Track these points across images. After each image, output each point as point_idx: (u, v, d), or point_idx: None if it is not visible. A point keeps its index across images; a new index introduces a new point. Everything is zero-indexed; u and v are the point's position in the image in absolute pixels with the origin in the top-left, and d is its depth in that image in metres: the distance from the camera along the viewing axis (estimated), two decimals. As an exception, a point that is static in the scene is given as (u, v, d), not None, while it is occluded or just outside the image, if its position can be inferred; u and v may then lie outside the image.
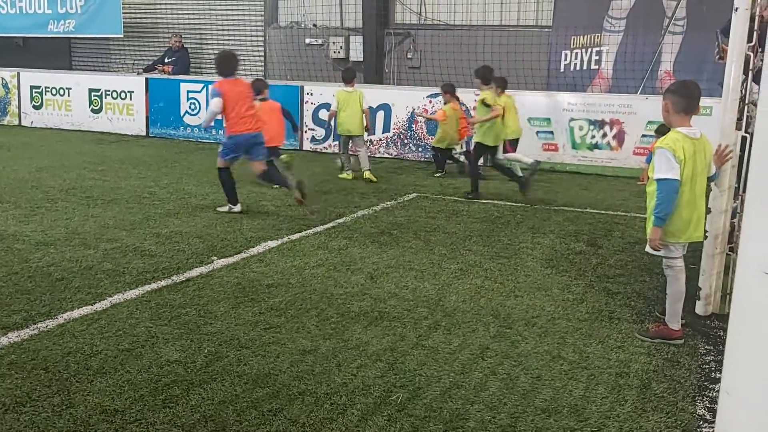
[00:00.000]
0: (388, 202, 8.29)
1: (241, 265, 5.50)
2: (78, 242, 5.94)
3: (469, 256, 6.05)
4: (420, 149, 12.11)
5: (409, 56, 13.67)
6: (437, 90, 11.86)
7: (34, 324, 4.13)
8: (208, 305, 4.58)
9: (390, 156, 12.16)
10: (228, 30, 15.19)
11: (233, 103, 7.14)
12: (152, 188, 8.54)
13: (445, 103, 10.65)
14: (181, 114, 13.53)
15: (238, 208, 7.41)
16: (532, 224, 7.37)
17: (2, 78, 15.12)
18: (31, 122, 14.81)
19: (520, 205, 8.36)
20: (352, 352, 3.95)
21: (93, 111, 14.20)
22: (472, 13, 13.37)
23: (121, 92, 13.96)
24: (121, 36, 15.08)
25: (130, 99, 13.87)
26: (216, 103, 7.16)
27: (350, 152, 10.07)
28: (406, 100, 12.06)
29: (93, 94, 14.22)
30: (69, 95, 14.37)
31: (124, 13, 14.90)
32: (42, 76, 14.63)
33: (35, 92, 14.71)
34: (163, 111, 13.67)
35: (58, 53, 16.36)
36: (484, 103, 8.50)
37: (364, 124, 9.86)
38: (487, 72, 8.84)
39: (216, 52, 15.11)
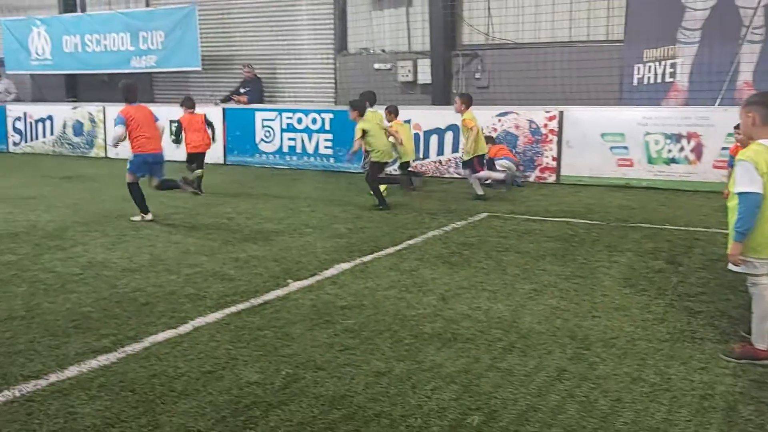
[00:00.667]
0: (459, 223, 8.28)
1: (315, 288, 5.61)
2: (161, 268, 6.19)
3: (543, 276, 5.97)
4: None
5: (477, 77, 13.68)
6: (506, 109, 11.84)
7: (122, 347, 4.33)
8: (284, 327, 4.68)
9: (459, 176, 12.14)
10: (299, 59, 15.59)
11: (137, 126, 8.10)
12: (230, 214, 8.83)
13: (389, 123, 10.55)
14: (257, 141, 13.95)
15: (149, 216, 8.30)
16: (608, 242, 7.21)
17: (90, 113, 15.99)
18: (116, 154, 15.55)
19: (595, 222, 8.20)
20: (426, 374, 3.96)
21: (174, 141, 14.79)
22: (541, 30, 13.27)
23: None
24: (199, 69, 15.70)
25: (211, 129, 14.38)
26: (119, 129, 8.11)
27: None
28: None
29: (173, 125, 14.82)
30: (151, 127, 15.00)
31: (201, 47, 15.53)
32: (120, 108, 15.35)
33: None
34: (239, 139, 14.14)
35: (140, 87, 17.14)
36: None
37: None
38: (363, 101, 9.68)
39: (289, 80, 15.67)
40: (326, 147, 13.37)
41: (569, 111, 11.54)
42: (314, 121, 13.49)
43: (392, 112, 10.93)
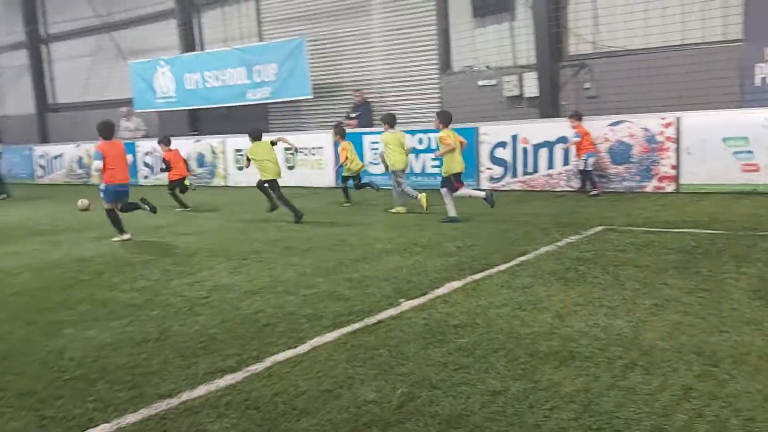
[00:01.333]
0: (572, 237, 8.08)
1: (427, 306, 5.65)
2: (281, 290, 6.44)
3: (664, 290, 5.72)
4: (603, 180, 11.70)
5: (586, 86, 13.36)
6: (619, 118, 11.49)
7: (246, 367, 4.53)
8: (399, 346, 4.75)
9: (572, 189, 11.86)
10: (405, 81, 15.83)
11: (110, 160, 9.18)
12: (343, 236, 9.06)
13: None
14: (365, 164, 14.25)
15: (127, 235, 9.46)
16: (735, 252, 6.80)
17: (211, 145, 16.93)
18: (236, 182, 16.38)
19: (720, 232, 7.77)
20: (543, 393, 3.89)
21: (288, 167, 15.41)
22: (651, 35, 12.81)
23: (311, 148, 15.03)
24: (311, 97, 16.29)
25: (320, 154, 14.89)
26: (98, 163, 9.18)
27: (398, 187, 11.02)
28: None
29: (287, 152, 15.45)
30: (266, 155, 15.71)
31: (311, 76, 16.11)
32: (243, 140, 16.16)
33: (238, 155, 16.28)
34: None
35: (256, 118, 18.00)
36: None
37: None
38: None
39: (396, 102, 15.94)
40: (433, 167, 13.46)
41: (687, 116, 11.04)
42: (420, 141, 13.63)
43: (338, 133, 12.67)
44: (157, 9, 20.14)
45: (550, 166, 12.22)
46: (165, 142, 13.49)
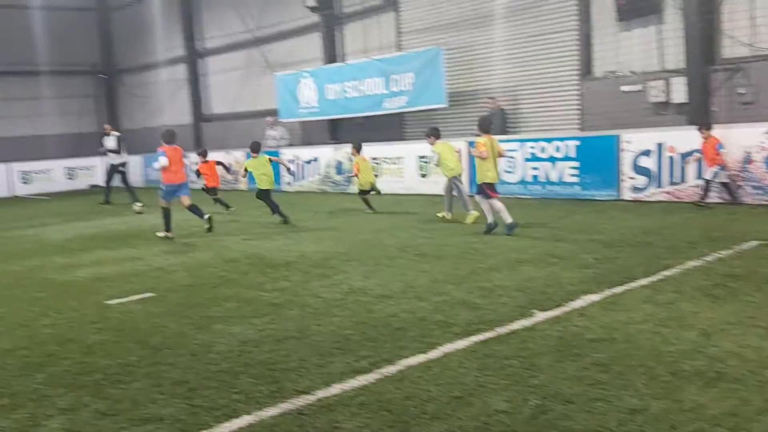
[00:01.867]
0: (723, 252, 7.57)
1: (562, 319, 5.51)
2: (412, 295, 6.54)
3: (829, 312, 5.22)
4: (760, 191, 10.87)
5: (740, 92, 12.45)
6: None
7: (378, 369, 4.65)
8: (531, 358, 4.67)
9: (723, 201, 11.11)
10: (542, 87, 15.53)
11: (171, 163, 10.84)
12: (475, 244, 9.03)
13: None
14: (499, 172, 14.09)
15: (171, 234, 11.03)
16: None
17: (349, 153, 17.45)
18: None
19: None
20: (686, 414, 3.68)
21: (421, 176, 15.58)
22: (819, 34, 11.74)
23: (445, 156, 15.09)
24: (445, 105, 16.38)
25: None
26: (162, 159, 10.80)
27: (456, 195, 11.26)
28: (740, 139, 11.00)
29: (421, 160, 15.62)
30: (401, 163, 15.99)
31: (446, 84, 16.21)
32: (380, 148, 16.54)
33: (373, 163, 16.67)
34: (483, 171, 14.40)
35: (392, 127, 18.36)
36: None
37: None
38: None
39: (531, 109, 15.66)
40: (572, 175, 13.08)
41: None
42: (558, 149, 13.30)
43: (355, 148, 13.15)
44: (302, 23, 21.07)
45: (699, 176, 11.50)
46: (202, 155, 14.98)
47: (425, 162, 15.48)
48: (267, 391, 4.37)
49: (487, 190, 9.71)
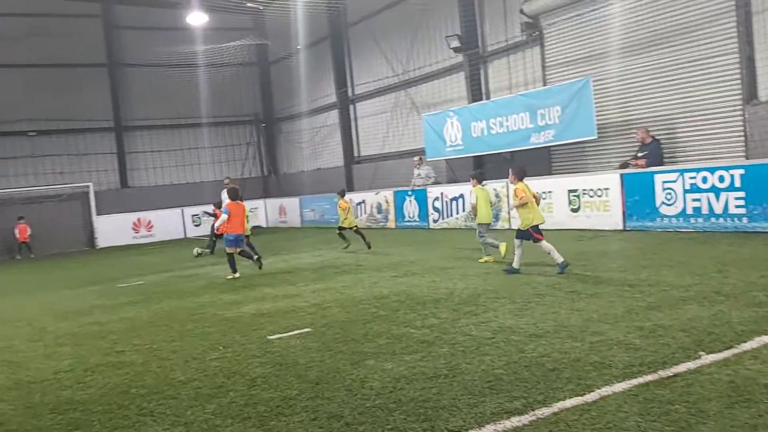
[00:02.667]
0: None
1: (732, 362, 5.11)
2: (565, 335, 6.35)
3: None
4: None
5: None
6: None
7: (532, 410, 4.55)
8: (698, 403, 4.38)
9: None
10: (700, 115, 14.67)
11: (233, 217, 12.96)
12: (632, 281, 8.62)
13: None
14: (657, 205, 13.43)
15: (238, 274, 12.77)
16: None
17: (495, 189, 17.39)
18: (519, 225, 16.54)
19: None
20: None
21: (572, 210, 15.16)
22: None
23: (597, 190, 14.63)
24: (595, 137, 15.92)
25: (606, 196, 14.41)
26: (224, 216, 13.00)
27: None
28: None
29: (571, 194, 15.23)
30: (550, 198, 15.67)
31: (596, 115, 15.77)
32: (527, 183, 16.29)
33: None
34: (638, 204, 13.79)
35: (539, 161, 18.08)
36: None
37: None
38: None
39: (689, 138, 14.83)
40: (737, 206, 12.17)
41: None
42: (721, 179, 12.44)
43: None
44: (447, 64, 21.49)
45: None
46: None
47: (576, 196, 15.07)
48: (420, 428, 4.42)
49: (534, 233, 10.01)
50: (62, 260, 22.42)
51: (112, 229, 27.30)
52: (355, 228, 16.11)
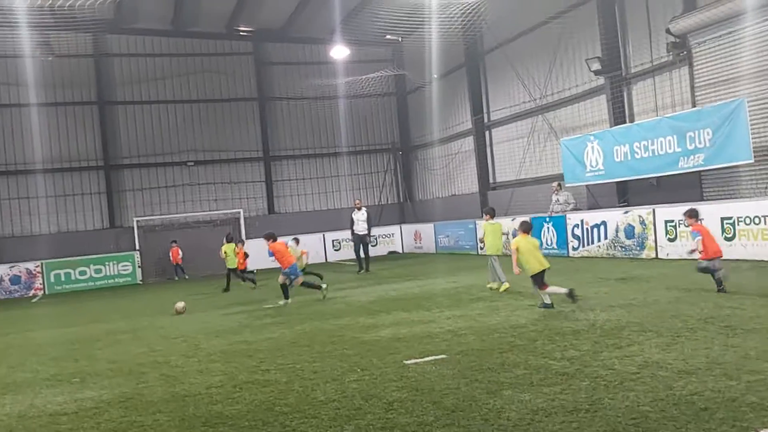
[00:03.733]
0: None
1: None
2: (719, 372, 5.93)
3: None
4: None
5: None
6: None
7: (681, 451, 4.29)
8: None
9: None
10: None
11: (281, 254, 14.53)
12: (796, 317, 7.91)
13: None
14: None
15: (290, 300, 14.19)
16: None
17: (640, 216, 16.62)
18: (667, 254, 15.67)
19: None
20: None
21: (726, 239, 14.17)
22: None
23: (754, 217, 13.60)
24: (751, 161, 14.83)
25: (765, 223, 13.35)
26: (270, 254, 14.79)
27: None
28: None
29: (725, 222, 14.25)
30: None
31: (752, 138, 14.70)
32: (675, 210, 15.47)
33: (669, 226, 15.62)
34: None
35: (689, 186, 17.09)
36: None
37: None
38: None
39: None
40: None
41: None
42: None
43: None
44: (587, 87, 20.93)
45: None
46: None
47: (730, 224, 14.08)
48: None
49: (535, 282, 10.42)
50: (214, 282, 23.91)
51: (260, 252, 28.79)
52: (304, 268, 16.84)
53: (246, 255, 20.80)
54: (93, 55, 28.10)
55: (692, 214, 11.04)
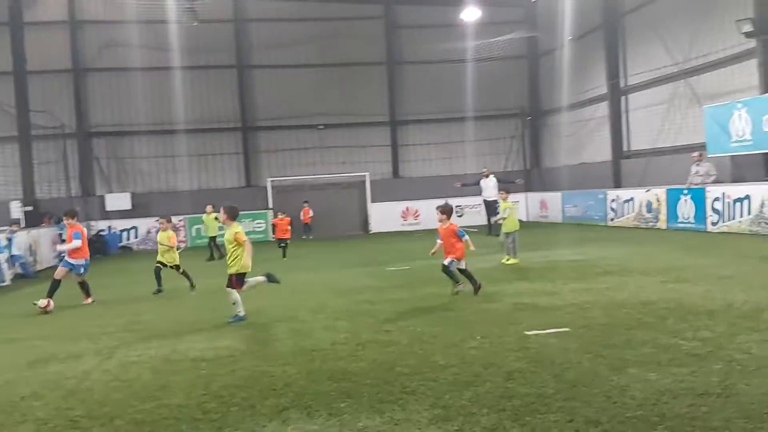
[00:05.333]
0: None
1: None
2: None
3: None
4: None
5: None
6: None
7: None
8: None
9: None
10: None
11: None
12: None
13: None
14: None
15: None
16: None
17: (790, 191, 15.34)
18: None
19: None
20: None
21: None
22: None
23: None
24: None
25: None
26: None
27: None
28: None
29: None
30: None
31: None
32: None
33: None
34: None
35: None
36: None
37: None
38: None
39: None
40: None
41: None
42: None
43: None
44: (735, 51, 19.36)
45: None
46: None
47: None
48: (685, 447, 4.16)
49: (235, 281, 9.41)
50: (340, 242, 24.68)
51: (384, 216, 29.39)
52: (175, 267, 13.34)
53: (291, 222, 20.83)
54: (233, 20, 29.35)
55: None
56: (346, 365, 6.61)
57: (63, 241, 22.99)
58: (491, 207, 22.13)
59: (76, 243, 11.88)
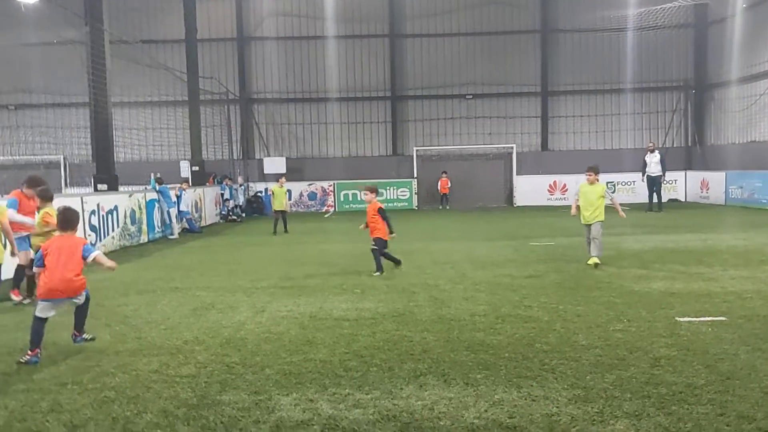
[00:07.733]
0: None
1: None
2: None
3: None
4: None
5: None
6: None
7: None
8: None
9: None
10: None
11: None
12: None
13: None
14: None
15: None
16: None
17: None
18: None
19: None
20: None
21: None
22: None
23: None
24: None
25: None
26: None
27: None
28: None
29: None
30: None
31: None
32: None
33: None
34: None
35: None
36: None
37: None
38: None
39: None
40: None
41: None
42: None
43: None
44: None
45: None
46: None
47: None
48: None
49: None
50: (483, 214, 24.51)
51: (529, 189, 28.76)
52: None
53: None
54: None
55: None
56: (485, 337, 6.62)
57: (225, 200, 24.97)
58: (656, 182, 22.61)
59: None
